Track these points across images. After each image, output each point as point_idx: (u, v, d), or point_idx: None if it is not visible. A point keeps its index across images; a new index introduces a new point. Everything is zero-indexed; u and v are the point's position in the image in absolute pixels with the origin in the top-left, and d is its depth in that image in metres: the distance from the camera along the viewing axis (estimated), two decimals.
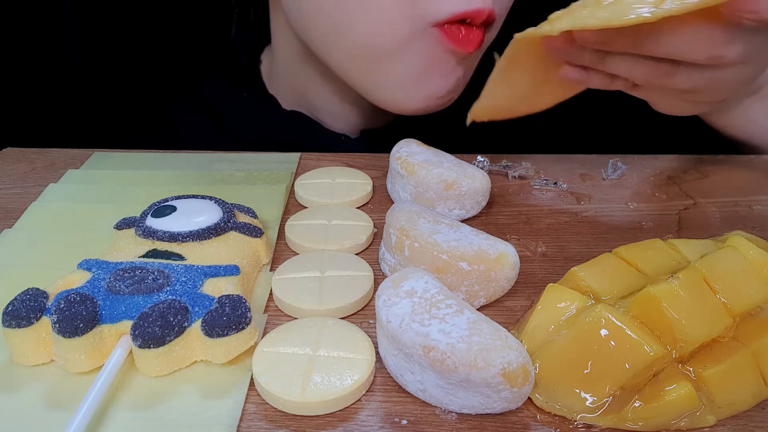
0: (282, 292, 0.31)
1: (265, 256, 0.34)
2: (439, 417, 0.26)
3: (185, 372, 0.27)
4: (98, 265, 0.30)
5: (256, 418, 0.25)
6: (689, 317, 0.26)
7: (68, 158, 0.45)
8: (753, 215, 0.39)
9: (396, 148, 0.40)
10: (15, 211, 0.38)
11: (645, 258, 0.30)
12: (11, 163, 0.45)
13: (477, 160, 0.44)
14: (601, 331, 0.25)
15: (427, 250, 0.31)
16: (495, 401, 0.25)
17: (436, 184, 0.37)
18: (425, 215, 0.32)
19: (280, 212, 0.39)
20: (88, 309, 0.26)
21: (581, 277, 0.29)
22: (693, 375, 0.26)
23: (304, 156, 0.46)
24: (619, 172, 0.44)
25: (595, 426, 0.25)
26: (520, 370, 0.24)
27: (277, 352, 0.27)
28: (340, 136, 0.53)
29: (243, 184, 0.41)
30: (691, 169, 0.45)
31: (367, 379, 0.26)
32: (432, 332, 0.25)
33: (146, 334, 0.26)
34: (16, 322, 0.26)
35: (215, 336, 0.26)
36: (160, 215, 0.33)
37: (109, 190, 0.41)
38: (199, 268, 0.30)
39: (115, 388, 0.26)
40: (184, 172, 0.43)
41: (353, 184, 0.41)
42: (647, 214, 0.40)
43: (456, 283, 0.31)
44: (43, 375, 0.27)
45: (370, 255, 0.35)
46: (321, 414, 0.26)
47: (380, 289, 0.27)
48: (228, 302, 0.27)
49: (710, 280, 0.27)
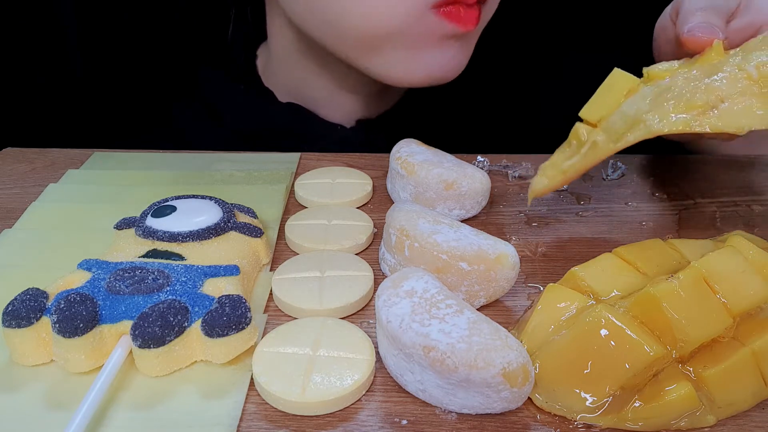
0: (282, 292, 0.31)
1: (265, 256, 0.34)
2: (439, 417, 0.26)
3: (185, 372, 0.27)
4: (98, 265, 0.30)
5: (256, 418, 0.25)
6: (689, 317, 0.26)
7: (68, 158, 0.45)
8: (753, 215, 0.39)
9: (396, 148, 0.40)
10: (15, 211, 0.38)
11: (645, 258, 0.30)
12: (11, 163, 0.45)
13: (477, 160, 0.44)
14: (601, 331, 0.25)
15: (427, 250, 0.31)
16: (495, 401, 0.25)
17: (436, 184, 0.37)
18: (425, 215, 0.32)
19: (280, 212, 0.39)
20: (88, 309, 0.26)
21: (581, 277, 0.29)
22: (693, 375, 0.26)
23: (304, 156, 0.46)
24: (619, 172, 0.44)
25: (595, 426, 0.25)
26: (520, 370, 0.24)
27: (277, 352, 0.27)
28: (336, 126, 0.53)
29: (243, 184, 0.41)
30: (691, 169, 0.45)
31: (367, 379, 0.26)
32: (432, 332, 0.25)
33: (146, 334, 0.26)
34: (16, 322, 0.26)
35: (215, 336, 0.26)
36: (160, 215, 0.33)
37: (109, 190, 0.41)
38: (199, 268, 0.30)
39: (115, 388, 0.26)
40: (184, 172, 0.43)
41: (353, 184, 0.41)
42: (647, 214, 0.40)
43: (456, 283, 0.31)
44: (43, 375, 0.27)
45: (370, 255, 0.35)
46: (321, 414, 0.26)
47: (380, 289, 0.27)
48: (228, 302, 0.27)
49: (710, 280, 0.27)
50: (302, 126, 0.53)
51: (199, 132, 0.54)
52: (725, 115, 0.29)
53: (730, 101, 0.29)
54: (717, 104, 0.29)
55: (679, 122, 0.29)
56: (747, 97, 0.29)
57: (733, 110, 0.29)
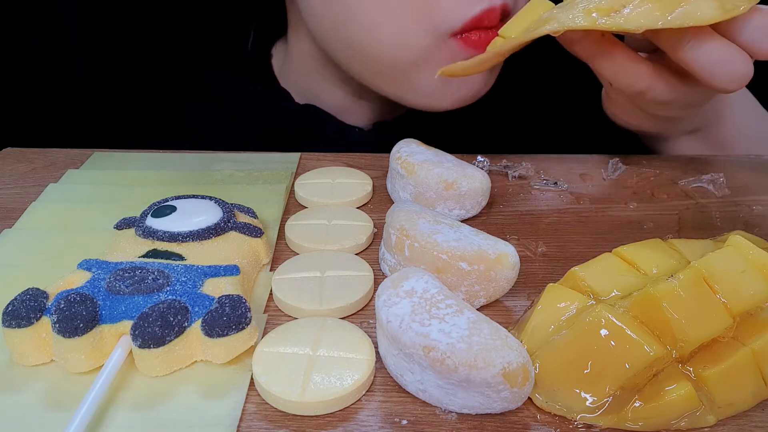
0: (282, 292, 0.31)
1: (265, 256, 0.34)
2: (439, 417, 0.26)
3: (185, 372, 0.27)
4: (98, 265, 0.30)
5: (256, 418, 0.25)
6: (689, 317, 0.26)
7: (68, 158, 0.45)
8: (753, 215, 0.39)
9: (396, 148, 0.40)
10: (15, 211, 0.38)
11: (645, 258, 0.30)
12: (11, 163, 0.45)
13: (477, 160, 0.44)
14: (601, 331, 0.25)
15: (427, 250, 0.31)
16: (495, 401, 0.25)
17: (436, 184, 0.37)
18: (425, 215, 0.32)
19: (280, 212, 0.39)
20: (88, 309, 0.26)
21: (581, 277, 0.29)
22: (693, 375, 0.26)
23: (304, 156, 0.46)
24: (619, 172, 0.44)
25: (595, 426, 0.25)
26: (520, 370, 0.24)
27: (277, 352, 0.27)
28: (354, 128, 0.53)
29: (243, 184, 0.41)
30: (691, 169, 0.45)
31: (367, 379, 0.26)
32: (432, 332, 0.25)
33: (146, 334, 0.26)
34: (16, 322, 0.26)
35: (215, 336, 0.26)
36: (160, 215, 0.33)
37: (109, 190, 0.41)
38: (199, 268, 0.30)
39: (115, 388, 0.26)
40: (184, 172, 0.43)
41: (353, 184, 0.41)
42: (647, 214, 0.40)
43: (456, 283, 0.31)
44: (43, 375, 0.27)
45: (370, 255, 0.35)
46: (321, 414, 0.26)
47: (380, 289, 0.27)
48: (228, 302, 0.27)
49: (710, 280, 0.27)
50: (319, 127, 0.53)
51: (213, 131, 0.55)
52: (627, 16, 0.32)
53: (632, 6, 0.32)
54: (620, 9, 0.33)
55: (587, 20, 0.33)
56: (646, 2, 0.32)
57: (634, 13, 0.32)
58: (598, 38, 0.36)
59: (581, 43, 0.37)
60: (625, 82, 0.37)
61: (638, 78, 0.37)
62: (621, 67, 0.36)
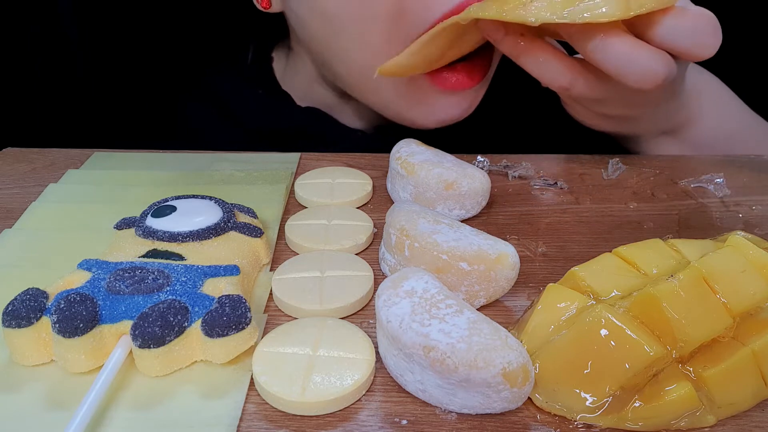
0: (282, 292, 0.31)
1: (265, 256, 0.34)
2: (439, 417, 0.26)
3: (185, 372, 0.27)
4: (98, 265, 0.30)
5: (256, 418, 0.25)
6: (689, 317, 0.26)
7: (68, 158, 0.45)
8: (753, 215, 0.39)
9: (396, 148, 0.40)
10: (15, 211, 0.38)
11: (645, 258, 0.30)
12: (11, 163, 0.45)
13: (477, 160, 0.44)
14: (601, 331, 0.25)
15: (427, 250, 0.31)
16: (495, 401, 0.25)
17: (436, 184, 0.37)
18: (425, 215, 0.32)
19: (280, 212, 0.39)
20: (88, 309, 0.26)
21: (581, 277, 0.29)
22: (693, 375, 0.26)
23: (304, 156, 0.46)
24: (619, 172, 0.44)
25: (595, 426, 0.25)
26: (520, 370, 0.24)
27: (277, 352, 0.27)
28: (356, 131, 0.54)
29: (243, 184, 0.41)
30: (691, 169, 0.45)
31: (367, 379, 0.26)
32: (432, 332, 0.25)
33: (146, 334, 0.26)
34: (16, 322, 0.26)
35: (215, 336, 0.26)
36: (160, 215, 0.33)
37: (109, 190, 0.41)
38: (199, 268, 0.30)
39: (115, 388, 0.26)
40: (184, 172, 0.43)
41: (353, 184, 0.41)
42: (647, 214, 0.40)
43: (456, 283, 0.31)
44: (43, 375, 0.27)
45: (370, 255, 0.35)
46: (321, 414, 0.26)
47: (380, 289, 0.27)
48: (228, 302, 0.27)
49: (710, 280, 0.27)
50: (321, 130, 0.53)
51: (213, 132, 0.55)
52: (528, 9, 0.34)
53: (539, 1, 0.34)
54: (529, 3, 0.34)
55: (494, 12, 0.35)
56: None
57: (534, 7, 0.34)
58: (518, 36, 0.37)
59: (504, 41, 0.38)
60: (548, 79, 0.38)
61: (560, 74, 0.37)
62: (543, 63, 0.37)
